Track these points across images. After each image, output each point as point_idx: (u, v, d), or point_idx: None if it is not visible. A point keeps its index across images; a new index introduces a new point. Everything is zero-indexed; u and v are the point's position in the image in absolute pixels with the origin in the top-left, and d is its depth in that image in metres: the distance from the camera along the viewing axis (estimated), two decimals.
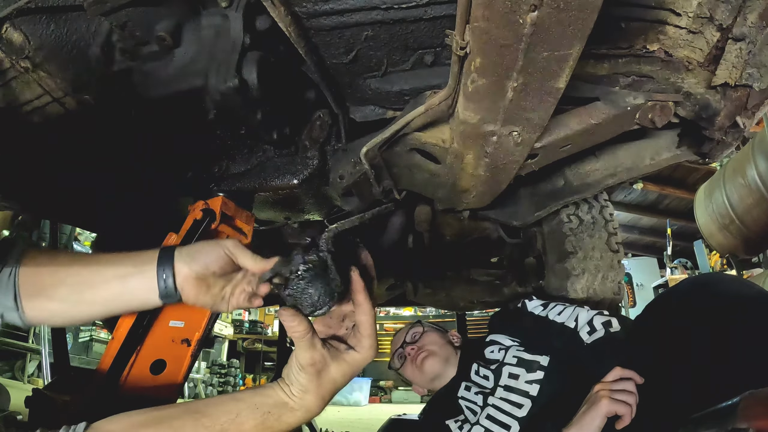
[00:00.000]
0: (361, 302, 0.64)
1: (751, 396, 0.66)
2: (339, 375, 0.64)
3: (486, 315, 6.18)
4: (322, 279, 0.62)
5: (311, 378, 0.62)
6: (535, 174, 1.13)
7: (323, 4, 0.81)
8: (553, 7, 0.54)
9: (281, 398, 0.63)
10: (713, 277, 1.10)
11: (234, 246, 0.76)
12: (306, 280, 0.62)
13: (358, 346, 0.65)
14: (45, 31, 0.88)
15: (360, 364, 0.66)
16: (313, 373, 0.62)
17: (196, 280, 0.74)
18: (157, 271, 0.74)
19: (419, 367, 1.37)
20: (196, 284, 0.74)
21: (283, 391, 0.64)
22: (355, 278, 0.64)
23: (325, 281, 0.62)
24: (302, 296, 0.63)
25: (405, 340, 1.44)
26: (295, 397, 0.63)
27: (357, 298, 0.64)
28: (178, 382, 0.96)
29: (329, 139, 1.15)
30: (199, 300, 0.75)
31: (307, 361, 0.62)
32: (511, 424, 1.10)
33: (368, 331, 0.65)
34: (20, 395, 1.43)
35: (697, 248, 5.78)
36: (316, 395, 0.63)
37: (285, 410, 0.63)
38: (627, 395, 0.92)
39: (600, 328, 1.15)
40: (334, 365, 0.64)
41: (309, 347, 0.62)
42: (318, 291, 0.62)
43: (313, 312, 0.63)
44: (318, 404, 0.64)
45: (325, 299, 0.63)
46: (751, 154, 3.72)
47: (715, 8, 0.75)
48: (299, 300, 0.63)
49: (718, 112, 0.88)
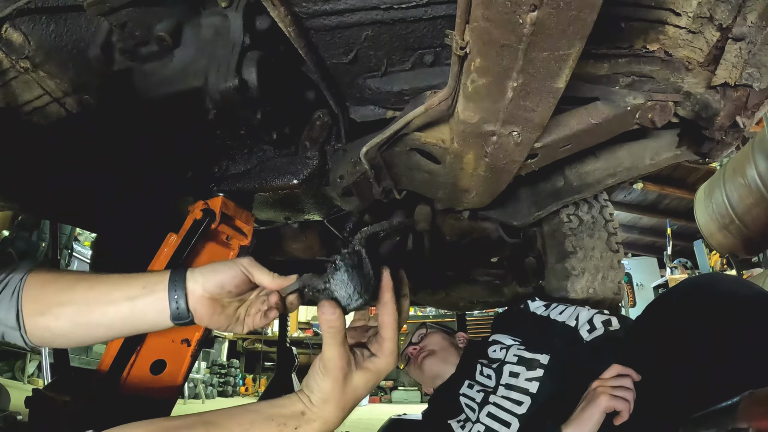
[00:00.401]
0: (387, 302, 0.63)
1: (751, 396, 0.66)
2: (362, 384, 0.62)
3: (486, 315, 6.20)
4: (358, 272, 0.63)
5: (334, 384, 0.60)
6: (535, 174, 1.13)
7: (323, 4, 0.81)
8: (553, 7, 0.54)
9: (298, 408, 0.60)
10: (713, 277, 1.10)
11: (250, 264, 0.72)
12: (342, 271, 0.62)
13: (379, 352, 0.63)
14: (45, 31, 0.88)
15: (382, 371, 0.63)
16: (338, 378, 0.60)
17: (209, 301, 0.71)
18: (168, 292, 0.71)
19: (419, 366, 1.42)
20: (210, 305, 0.71)
21: (302, 401, 0.61)
22: (386, 276, 0.63)
23: (360, 274, 0.63)
24: (339, 289, 0.62)
25: (411, 341, 1.52)
26: (314, 407, 0.60)
27: (384, 297, 0.63)
28: (178, 382, 0.96)
29: (329, 139, 1.15)
30: (212, 322, 0.72)
31: (335, 359, 0.59)
32: (511, 421, 1.10)
33: (390, 334, 0.63)
34: (20, 395, 1.44)
35: (697, 248, 5.78)
36: (337, 405, 0.61)
37: (302, 421, 0.60)
38: (625, 391, 0.93)
39: (599, 326, 1.15)
40: (357, 373, 0.61)
41: (341, 344, 0.59)
42: (355, 283, 0.62)
43: (349, 304, 0.62)
44: (337, 415, 0.61)
45: (362, 292, 0.62)
46: (751, 154, 3.72)
47: (714, 8, 0.75)
48: (337, 293, 0.62)
49: (718, 112, 0.88)
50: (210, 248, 1.05)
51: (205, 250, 1.04)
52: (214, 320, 0.72)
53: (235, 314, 0.74)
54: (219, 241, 1.08)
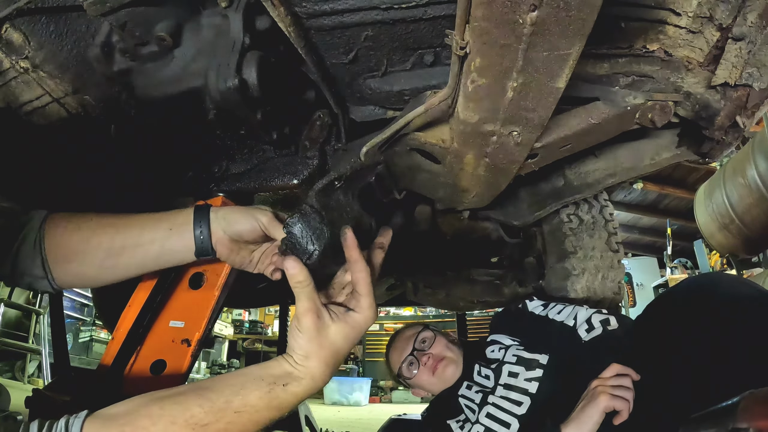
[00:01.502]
0: (356, 259, 0.64)
1: (751, 396, 0.66)
2: (340, 337, 0.63)
3: (486, 315, 6.20)
4: (308, 226, 0.68)
5: (310, 337, 0.62)
6: (535, 174, 1.13)
7: (323, 4, 0.81)
8: (553, 6, 0.54)
9: (285, 369, 0.63)
10: (713, 276, 1.10)
11: (269, 222, 0.79)
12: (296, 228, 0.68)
13: (357, 307, 0.65)
14: (45, 31, 0.88)
15: (360, 325, 0.65)
16: (312, 331, 0.62)
17: (229, 242, 0.80)
18: (194, 231, 0.79)
19: (439, 375, 1.31)
20: (229, 245, 0.81)
21: (287, 362, 0.63)
22: (349, 235, 0.64)
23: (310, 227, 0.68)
24: (294, 244, 0.68)
25: (415, 347, 1.37)
26: (298, 365, 0.62)
27: (350, 255, 0.65)
28: (178, 382, 0.96)
29: (329, 139, 1.15)
30: (229, 259, 0.83)
31: (306, 313, 0.61)
32: (511, 421, 1.10)
33: (365, 289, 0.65)
34: (20, 395, 1.44)
35: (697, 248, 5.79)
36: (319, 359, 0.62)
37: (290, 379, 0.62)
38: (625, 391, 0.93)
39: (598, 326, 1.15)
40: (333, 326, 0.63)
41: (309, 298, 0.62)
42: (307, 237, 0.68)
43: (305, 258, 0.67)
44: (322, 370, 0.63)
45: (314, 243, 0.67)
46: (751, 154, 3.72)
47: (714, 8, 0.75)
48: (293, 248, 0.68)
49: (718, 112, 0.88)
50: None
51: None
52: (231, 258, 0.83)
53: (250, 256, 0.84)
54: None
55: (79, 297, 5.51)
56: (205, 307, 1.00)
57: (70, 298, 5.36)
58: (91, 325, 5.67)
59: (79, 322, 5.70)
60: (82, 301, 5.61)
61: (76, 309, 5.64)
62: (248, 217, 0.80)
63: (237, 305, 4.35)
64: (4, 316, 3.79)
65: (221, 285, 1.00)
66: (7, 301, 3.80)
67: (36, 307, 4.06)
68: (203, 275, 1.00)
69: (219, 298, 1.00)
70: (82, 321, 5.73)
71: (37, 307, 4.06)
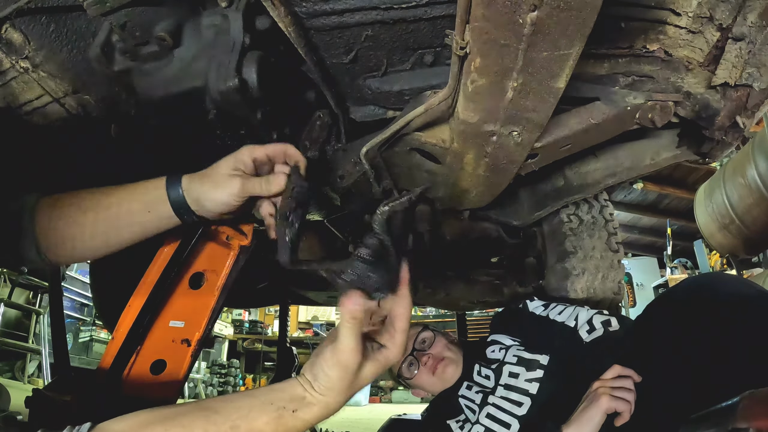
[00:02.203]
0: (404, 295, 0.62)
1: (751, 396, 0.66)
2: (370, 374, 0.61)
3: (486, 315, 6.19)
4: (384, 262, 0.61)
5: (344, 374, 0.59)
6: (535, 174, 1.13)
7: (323, 4, 0.81)
8: (553, 7, 0.54)
9: (298, 393, 0.60)
10: (713, 276, 1.10)
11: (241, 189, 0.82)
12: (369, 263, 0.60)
13: (389, 343, 0.62)
14: (45, 31, 0.88)
15: (390, 363, 0.63)
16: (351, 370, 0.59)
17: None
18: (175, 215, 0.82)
19: (439, 375, 1.30)
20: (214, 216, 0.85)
21: (302, 385, 0.61)
22: (405, 269, 0.62)
23: (386, 265, 0.61)
24: (362, 278, 0.60)
25: (415, 347, 1.36)
26: (315, 393, 0.60)
27: (401, 289, 0.62)
28: (178, 382, 0.96)
29: (329, 139, 1.15)
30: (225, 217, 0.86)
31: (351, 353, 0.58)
32: (511, 422, 1.10)
33: (402, 326, 0.62)
34: (20, 395, 1.44)
35: (697, 248, 5.79)
36: (341, 393, 0.60)
37: (301, 405, 0.60)
38: (626, 392, 0.93)
39: (599, 327, 1.15)
40: (368, 365, 0.61)
41: (359, 336, 0.59)
42: (380, 273, 0.61)
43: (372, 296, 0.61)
44: (339, 401, 0.61)
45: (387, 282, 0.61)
46: (751, 154, 3.73)
47: (714, 8, 0.75)
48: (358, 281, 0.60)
49: (718, 112, 0.88)
50: (210, 248, 1.05)
51: (205, 249, 1.04)
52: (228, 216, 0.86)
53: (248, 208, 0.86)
54: (219, 241, 1.08)
55: (79, 297, 5.51)
56: (205, 307, 1.00)
57: (70, 299, 5.36)
58: (91, 325, 5.67)
59: (79, 322, 5.70)
60: (82, 301, 5.61)
61: (76, 309, 5.64)
62: (218, 193, 0.81)
63: (237, 305, 4.35)
64: (4, 316, 3.79)
65: (221, 285, 1.00)
66: (7, 301, 3.81)
67: (36, 307, 4.06)
68: (203, 275, 1.00)
69: (219, 298, 1.00)
70: (82, 321, 5.74)
71: (37, 307, 4.06)
